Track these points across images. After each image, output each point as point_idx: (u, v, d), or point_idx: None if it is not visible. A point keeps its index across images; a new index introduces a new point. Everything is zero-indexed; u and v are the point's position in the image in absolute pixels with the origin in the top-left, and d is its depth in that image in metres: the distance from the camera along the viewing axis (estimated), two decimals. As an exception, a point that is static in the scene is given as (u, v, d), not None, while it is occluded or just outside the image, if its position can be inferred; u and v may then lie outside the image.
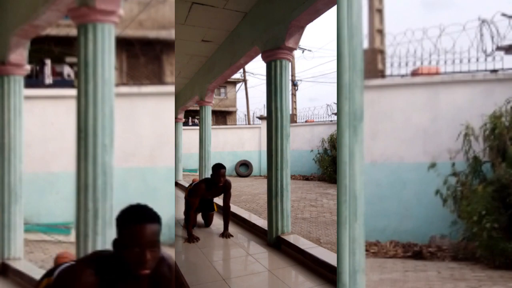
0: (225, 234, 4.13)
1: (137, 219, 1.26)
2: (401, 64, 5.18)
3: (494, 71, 4.83)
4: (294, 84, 19.18)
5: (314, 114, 17.20)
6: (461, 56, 5.00)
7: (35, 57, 6.52)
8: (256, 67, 61.23)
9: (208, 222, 4.62)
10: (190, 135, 13.82)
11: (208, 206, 4.58)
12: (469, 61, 4.97)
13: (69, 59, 7.37)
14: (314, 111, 34.20)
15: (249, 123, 18.76)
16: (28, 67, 3.63)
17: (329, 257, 2.92)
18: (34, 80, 6.72)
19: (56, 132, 5.34)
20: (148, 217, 1.29)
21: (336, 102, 2.11)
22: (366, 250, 3.01)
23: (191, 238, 3.89)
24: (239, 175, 14.72)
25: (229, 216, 4.25)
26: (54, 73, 7.22)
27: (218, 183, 4.04)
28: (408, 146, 4.85)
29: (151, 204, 1.37)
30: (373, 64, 5.09)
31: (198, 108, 7.57)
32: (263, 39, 4.06)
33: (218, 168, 4.05)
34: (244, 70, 21.16)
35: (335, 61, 2.04)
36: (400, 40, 5.18)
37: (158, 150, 4.94)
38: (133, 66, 7.10)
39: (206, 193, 4.14)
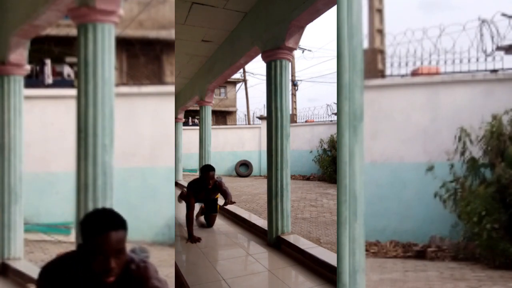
0: (227, 203, 4.21)
1: (101, 227, 1.23)
2: (401, 64, 5.18)
3: (494, 71, 4.83)
4: (294, 84, 19.18)
5: (314, 114, 17.19)
6: (461, 56, 5.00)
7: (35, 57, 6.52)
8: (256, 67, 61.19)
9: (210, 222, 4.65)
10: (190, 135, 13.82)
11: (212, 207, 4.61)
12: (469, 61, 4.96)
13: (69, 59, 7.36)
14: (314, 111, 34.22)
15: (249, 123, 18.75)
16: (28, 67, 3.63)
17: (329, 257, 2.92)
18: (34, 80, 6.71)
19: (56, 132, 5.33)
20: (112, 225, 1.25)
21: (336, 102, 2.11)
22: (366, 250, 3.01)
23: (192, 238, 3.87)
24: (239, 175, 14.72)
25: (230, 198, 4.32)
26: (54, 73, 7.21)
27: (208, 185, 4.05)
28: (408, 146, 4.85)
29: (151, 204, 1.37)
30: (373, 64, 5.09)
31: (198, 108, 7.57)
32: (263, 39, 4.06)
33: (207, 170, 4.03)
34: (244, 70, 21.15)
35: (335, 61, 2.04)
36: (400, 40, 5.18)
37: (158, 150, 4.93)
38: (133, 66, 7.10)
39: (198, 195, 4.14)
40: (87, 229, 1.25)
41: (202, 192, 4.17)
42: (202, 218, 4.86)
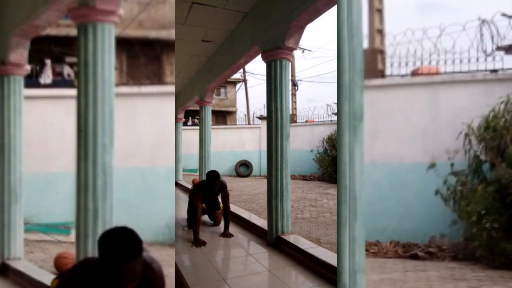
0: (226, 234, 4.14)
1: (122, 257, 1.22)
2: (401, 64, 5.17)
3: (494, 71, 4.83)
4: (294, 84, 19.18)
5: (314, 114, 17.19)
6: (461, 56, 5.00)
7: (35, 57, 6.51)
8: (256, 67, 61.10)
9: (216, 221, 4.68)
10: (190, 135, 13.81)
11: (213, 205, 4.63)
12: (469, 61, 4.96)
13: (69, 59, 7.36)
14: (314, 111, 34.20)
15: (249, 123, 18.75)
16: (28, 67, 3.63)
17: (329, 257, 2.92)
18: (34, 80, 6.71)
19: (56, 132, 5.33)
20: (133, 253, 1.24)
21: (336, 102, 2.11)
22: (366, 250, 3.01)
23: (198, 243, 3.79)
24: (239, 175, 14.71)
25: (229, 216, 4.27)
26: (54, 73, 7.21)
27: (213, 190, 4.17)
28: (408, 146, 4.85)
29: (151, 204, 1.37)
30: (373, 64, 5.09)
31: (198, 108, 7.57)
32: (263, 39, 4.06)
33: (214, 178, 4.09)
34: (244, 70, 21.15)
35: (335, 61, 2.04)
36: (400, 40, 5.17)
37: (158, 150, 4.93)
38: (133, 66, 7.09)
39: (204, 196, 4.21)
40: (106, 253, 1.24)
41: (207, 196, 4.27)
42: (202, 218, 4.87)
